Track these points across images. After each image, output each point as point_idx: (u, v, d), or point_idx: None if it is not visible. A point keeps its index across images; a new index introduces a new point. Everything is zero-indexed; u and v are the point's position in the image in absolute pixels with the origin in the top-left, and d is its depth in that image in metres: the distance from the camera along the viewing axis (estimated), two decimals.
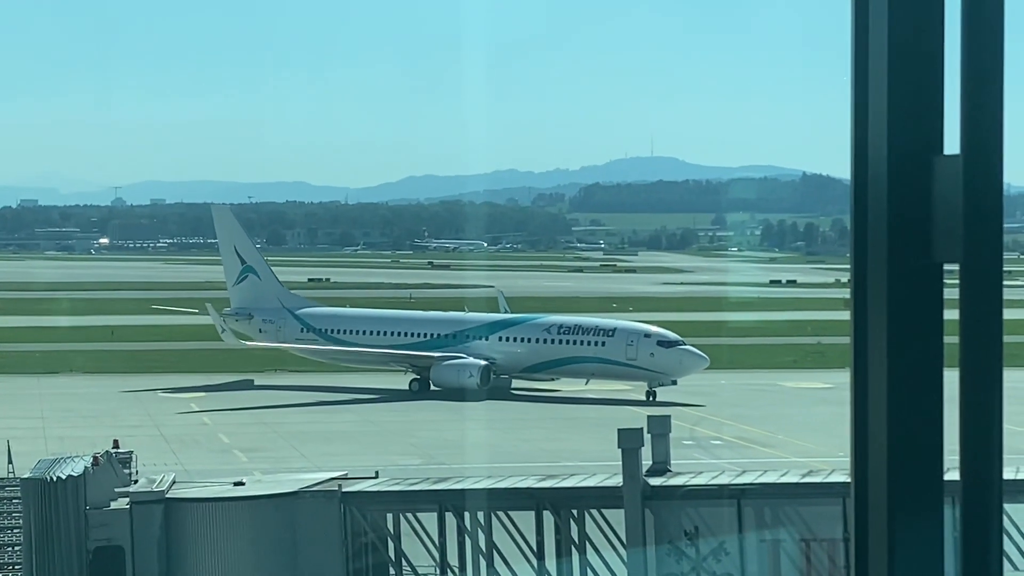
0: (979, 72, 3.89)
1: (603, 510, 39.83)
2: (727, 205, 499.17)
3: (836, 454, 62.41)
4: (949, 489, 4.06)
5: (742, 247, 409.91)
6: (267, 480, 44.91)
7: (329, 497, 39.62)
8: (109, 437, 52.84)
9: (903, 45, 4.01)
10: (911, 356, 4.07)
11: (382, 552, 40.29)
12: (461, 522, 39.82)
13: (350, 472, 44.45)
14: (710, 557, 39.04)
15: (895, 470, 4.11)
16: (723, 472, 44.50)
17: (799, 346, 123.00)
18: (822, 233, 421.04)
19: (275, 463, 65.46)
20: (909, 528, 4.11)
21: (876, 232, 4.08)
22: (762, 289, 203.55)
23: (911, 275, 4.04)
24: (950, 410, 4.05)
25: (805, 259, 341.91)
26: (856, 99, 4.14)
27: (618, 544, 39.49)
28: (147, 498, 39.08)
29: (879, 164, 4.06)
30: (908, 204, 4.03)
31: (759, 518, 39.43)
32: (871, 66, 4.08)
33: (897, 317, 4.05)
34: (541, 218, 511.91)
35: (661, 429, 42.42)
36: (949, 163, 3.96)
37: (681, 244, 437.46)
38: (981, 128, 3.89)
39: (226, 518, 39.34)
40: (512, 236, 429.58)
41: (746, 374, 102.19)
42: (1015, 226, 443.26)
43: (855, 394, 4.21)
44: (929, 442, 4.09)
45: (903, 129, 4.02)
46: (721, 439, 77.67)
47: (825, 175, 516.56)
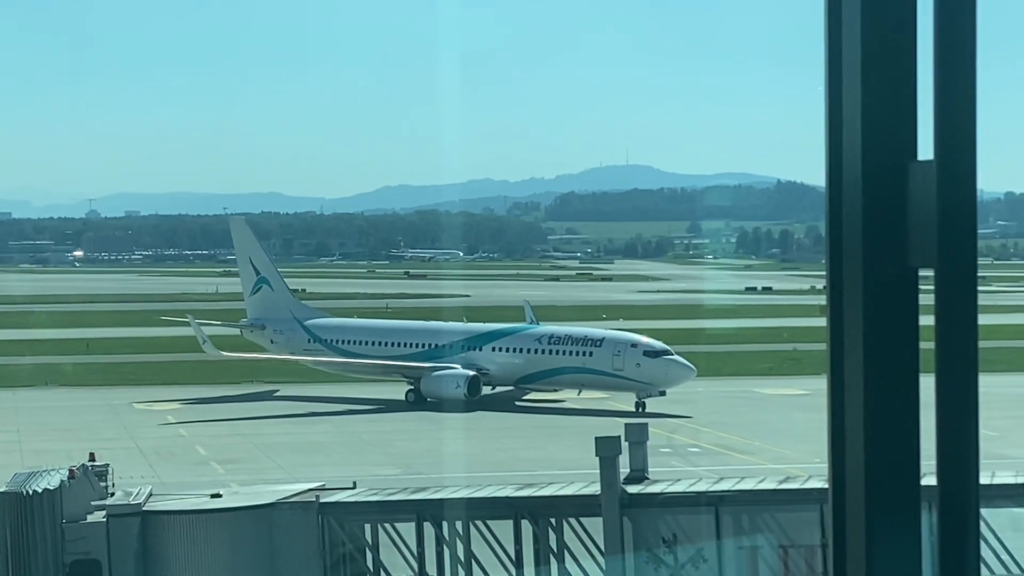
0: (952, 78, 3.90)
1: (581, 518, 39.85)
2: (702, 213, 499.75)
3: (813, 460, 62.45)
4: (926, 494, 4.06)
5: (717, 254, 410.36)
6: (244, 492, 44.81)
7: (307, 508, 39.55)
8: (85, 450, 52.64)
9: (876, 52, 4.02)
10: (887, 362, 4.08)
11: (360, 563, 40.22)
12: (439, 532, 39.79)
13: (327, 483, 44.40)
14: (688, 564, 39.07)
15: (872, 476, 4.11)
16: (701, 479, 44.53)
17: (775, 353, 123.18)
18: (797, 240, 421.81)
19: (252, 474, 65.32)
20: (887, 533, 4.11)
21: (851, 238, 4.08)
22: (738, 296, 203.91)
23: (887, 281, 4.04)
24: (927, 415, 4.05)
25: (780, 266, 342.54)
26: (830, 106, 4.15)
27: (596, 552, 39.50)
28: (124, 511, 38.95)
29: (854, 170, 4.06)
30: (883, 210, 4.03)
31: (737, 525, 39.48)
32: (844, 73, 4.09)
33: (873, 322, 4.06)
34: (517, 227, 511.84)
35: (638, 437, 42.47)
36: (923, 169, 3.97)
37: (657, 252, 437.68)
38: (955, 133, 3.90)
39: (203, 530, 39.22)
40: (488, 245, 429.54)
41: (723, 381, 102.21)
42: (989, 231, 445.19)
43: (832, 400, 4.21)
44: (906, 447, 4.10)
45: (877, 135, 4.03)
46: (698, 446, 77.70)
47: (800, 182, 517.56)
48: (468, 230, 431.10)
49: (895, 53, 4.02)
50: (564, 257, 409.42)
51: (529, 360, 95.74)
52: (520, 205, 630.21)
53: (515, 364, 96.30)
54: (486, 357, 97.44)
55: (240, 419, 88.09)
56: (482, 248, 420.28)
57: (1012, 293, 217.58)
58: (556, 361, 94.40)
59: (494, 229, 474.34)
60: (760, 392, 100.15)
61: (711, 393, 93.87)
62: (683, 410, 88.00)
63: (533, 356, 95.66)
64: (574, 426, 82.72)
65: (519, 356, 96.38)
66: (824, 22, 4.14)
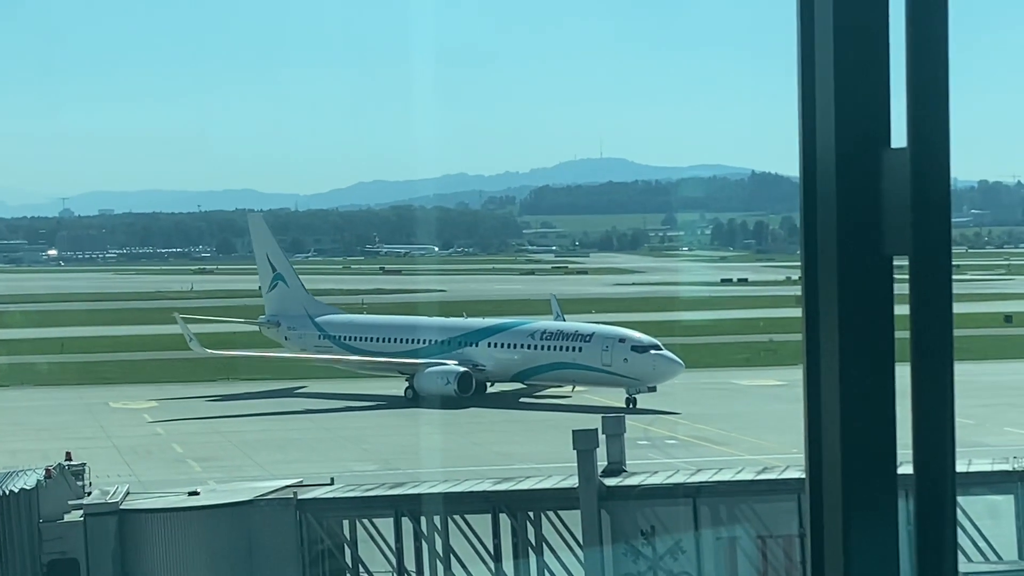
0: (925, 65, 3.90)
1: (559, 511, 39.91)
2: (677, 205, 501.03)
3: (790, 451, 62.65)
4: (903, 483, 4.06)
5: (693, 246, 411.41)
6: (222, 489, 44.75)
7: (285, 505, 39.51)
8: (62, 449, 52.51)
9: (849, 40, 4.02)
10: (863, 351, 4.07)
11: (339, 559, 40.19)
12: (417, 527, 39.79)
13: (304, 479, 44.38)
14: (667, 556, 39.14)
15: (849, 465, 4.11)
16: (678, 471, 44.61)
17: (752, 344, 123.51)
18: (772, 231, 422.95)
19: (229, 472, 65.25)
20: (864, 522, 4.11)
21: (825, 227, 4.08)
22: (714, 288, 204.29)
23: (861, 269, 4.04)
24: (902, 404, 4.05)
25: (755, 257, 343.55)
26: (803, 95, 4.14)
27: (575, 545, 39.56)
28: (101, 510, 38.85)
29: (827, 159, 4.06)
30: (857, 198, 4.03)
31: (715, 516, 39.56)
32: (817, 61, 4.08)
33: (848, 311, 4.06)
34: (491, 221, 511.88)
35: (615, 430, 42.51)
36: (896, 156, 3.97)
37: (632, 245, 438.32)
38: (928, 121, 3.90)
39: (181, 528, 39.17)
40: (463, 240, 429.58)
41: (699, 373, 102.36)
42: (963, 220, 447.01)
43: (808, 390, 4.21)
44: (882, 436, 4.10)
45: (850, 123, 4.02)
46: (676, 438, 77.83)
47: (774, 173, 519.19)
48: (443, 225, 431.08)
49: (867, 41, 4.01)
50: (539, 251, 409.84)
51: (522, 356, 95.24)
52: (495, 199, 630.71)
53: (509, 360, 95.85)
54: (482, 353, 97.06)
55: (218, 417, 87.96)
56: (457, 243, 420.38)
57: (987, 281, 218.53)
58: (548, 357, 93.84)
59: (469, 224, 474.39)
60: (737, 383, 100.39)
61: (688, 385, 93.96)
62: (661, 402, 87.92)
63: (526, 352, 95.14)
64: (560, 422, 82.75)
65: (513, 352, 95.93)
66: (796, 11, 4.13)
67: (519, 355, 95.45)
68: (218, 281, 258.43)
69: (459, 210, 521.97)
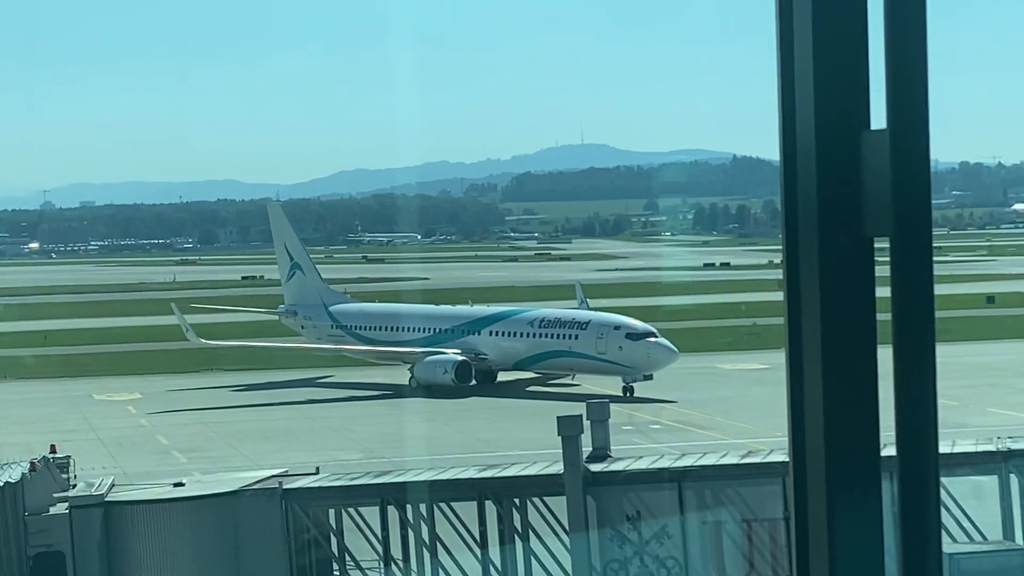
0: (904, 47, 3.90)
1: (545, 498, 39.92)
2: (659, 190, 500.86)
3: (775, 434, 62.75)
4: (886, 465, 4.07)
5: (675, 231, 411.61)
6: (207, 480, 44.73)
7: (270, 495, 39.48)
8: (46, 442, 52.38)
9: (828, 22, 4.01)
10: (845, 333, 4.08)
11: (325, 548, 40.20)
12: (403, 515, 39.79)
13: (289, 469, 44.38)
14: (652, 541, 39.20)
15: (832, 448, 4.11)
16: (663, 456, 44.68)
17: (735, 328, 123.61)
18: (754, 215, 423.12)
19: (214, 463, 65.22)
20: (848, 504, 4.11)
21: (806, 209, 4.08)
22: (696, 272, 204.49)
23: (842, 251, 4.04)
24: (885, 386, 4.06)
25: (738, 241, 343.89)
26: (782, 77, 4.14)
27: (561, 531, 39.59)
28: (86, 502, 38.78)
29: (807, 141, 4.06)
30: (837, 179, 4.03)
31: (700, 500, 39.63)
32: (797, 44, 4.08)
33: (830, 293, 4.06)
34: (474, 208, 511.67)
35: (600, 415, 42.55)
36: (876, 138, 3.97)
37: (615, 230, 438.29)
38: (907, 102, 3.90)
39: (167, 519, 39.12)
40: (445, 227, 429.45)
41: (683, 357, 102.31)
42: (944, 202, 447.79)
43: (791, 373, 4.21)
44: (865, 418, 4.10)
45: (830, 105, 4.02)
46: (660, 423, 77.96)
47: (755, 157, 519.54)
48: (425, 213, 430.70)
49: (846, 23, 4.01)
50: (522, 237, 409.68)
51: (522, 344, 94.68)
52: (477, 187, 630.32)
53: (510, 348, 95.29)
54: (484, 341, 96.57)
55: (203, 409, 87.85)
56: (440, 231, 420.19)
57: (969, 262, 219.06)
58: (546, 345, 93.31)
59: (451, 211, 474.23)
60: (721, 367, 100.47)
61: (672, 369, 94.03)
62: (646, 388, 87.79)
63: (526, 340, 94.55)
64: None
65: (513, 340, 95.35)
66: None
67: (518, 343, 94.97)
68: (201, 272, 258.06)
69: (441, 198, 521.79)
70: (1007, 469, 40.05)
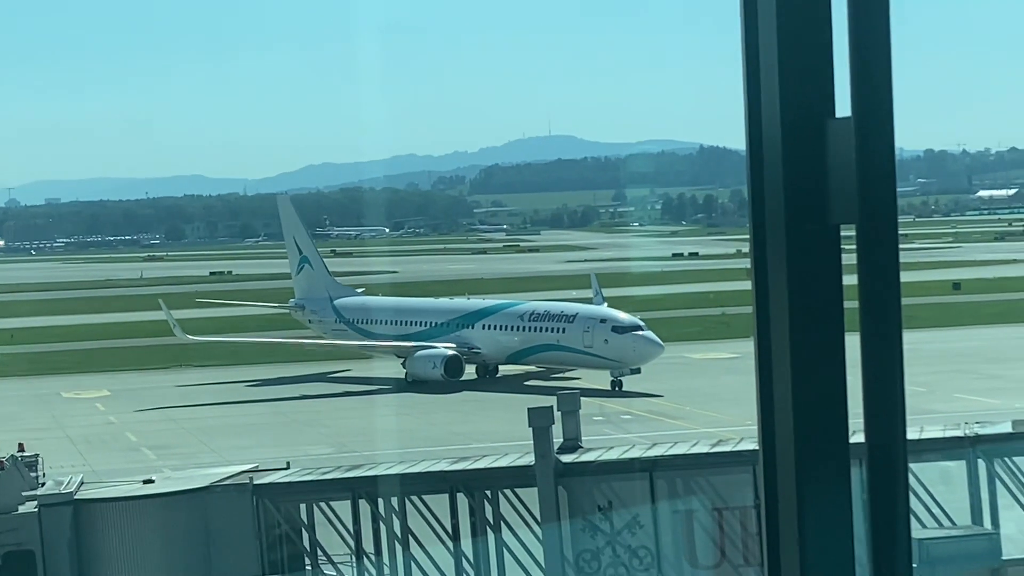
0: (867, 35, 3.91)
1: (516, 489, 39.93)
2: (626, 180, 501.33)
3: (744, 423, 62.94)
4: (855, 451, 4.08)
5: (643, 222, 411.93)
6: (177, 476, 44.60)
7: (241, 490, 39.38)
8: (14, 441, 52.24)
9: (792, 11, 4.02)
10: (812, 320, 4.09)
11: (297, 543, 40.13)
12: (375, 508, 39.76)
13: (259, 464, 44.31)
14: (624, 530, 39.27)
15: (802, 435, 4.12)
16: (634, 446, 44.75)
17: (704, 317, 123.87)
18: (721, 204, 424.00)
19: (184, 459, 65.05)
20: (818, 491, 4.13)
21: (773, 197, 4.09)
22: (665, 263, 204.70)
23: (809, 238, 4.05)
24: (853, 373, 4.07)
25: (706, 231, 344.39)
26: (748, 67, 4.15)
27: (532, 522, 39.60)
28: (56, 500, 38.62)
29: (773, 129, 4.06)
30: (803, 168, 4.04)
31: (671, 489, 39.71)
32: (761, 33, 4.09)
33: (797, 281, 4.07)
34: (442, 201, 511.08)
35: (571, 406, 42.57)
36: (841, 125, 3.98)
37: (583, 221, 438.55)
38: (871, 90, 3.91)
39: (137, 517, 38.99)
40: (414, 221, 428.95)
41: None
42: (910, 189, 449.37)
43: (759, 362, 4.22)
44: (833, 405, 4.11)
45: (795, 94, 4.03)
46: (630, 413, 78.06)
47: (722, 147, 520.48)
48: (393, 206, 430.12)
49: (810, 12, 4.02)
50: (490, 230, 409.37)
51: (512, 338, 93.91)
52: (445, 179, 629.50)
53: (501, 342, 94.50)
54: (477, 335, 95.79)
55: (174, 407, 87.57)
56: (408, 224, 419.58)
57: (934, 249, 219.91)
58: (536, 339, 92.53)
59: (419, 204, 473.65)
60: (690, 357, 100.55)
61: None
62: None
63: (516, 334, 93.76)
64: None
65: (504, 334, 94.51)
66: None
67: (509, 337, 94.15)
68: (168, 268, 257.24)
69: (409, 191, 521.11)
70: (975, 454, 40.25)
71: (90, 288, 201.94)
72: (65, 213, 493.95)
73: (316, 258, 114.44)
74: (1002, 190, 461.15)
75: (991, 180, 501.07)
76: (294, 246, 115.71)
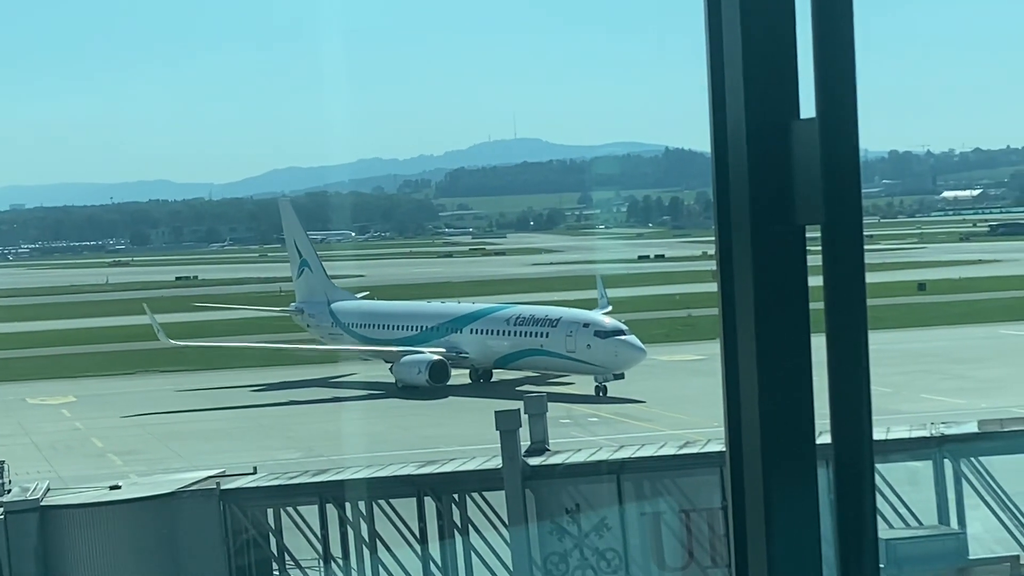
0: (831, 36, 3.91)
1: (484, 492, 39.93)
2: (592, 183, 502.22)
3: (711, 424, 63.02)
4: (822, 452, 4.09)
5: (609, 224, 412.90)
6: (144, 482, 44.44)
7: (208, 496, 39.26)
8: None
9: (756, 12, 4.03)
10: (778, 321, 4.09)
11: (264, 548, 40.03)
12: (343, 512, 39.71)
13: (227, 469, 44.17)
14: (592, 533, 39.29)
15: (768, 436, 4.13)
16: (601, 448, 44.77)
17: (670, 319, 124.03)
18: (687, 207, 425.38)
19: (151, 465, 64.81)
20: (785, 492, 4.13)
21: (738, 198, 4.09)
22: (631, 265, 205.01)
23: (774, 239, 4.06)
24: (819, 374, 4.08)
25: (672, 233, 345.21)
26: (712, 68, 4.15)
27: (500, 526, 39.60)
28: (21, 507, 38.38)
29: (738, 130, 4.07)
30: (768, 169, 4.04)
31: (639, 492, 39.74)
32: (725, 34, 4.09)
33: (763, 282, 4.07)
34: (408, 205, 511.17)
35: (538, 409, 42.57)
36: (806, 126, 3.99)
37: (549, 224, 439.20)
38: (835, 91, 3.92)
39: (104, 523, 38.80)
40: (380, 224, 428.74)
41: None
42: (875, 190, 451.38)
43: (726, 363, 4.23)
44: (800, 407, 4.12)
45: (760, 95, 4.04)
46: (597, 415, 78.11)
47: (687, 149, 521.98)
48: (359, 210, 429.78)
49: (774, 13, 4.02)
50: (456, 233, 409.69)
51: (498, 343, 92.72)
52: (410, 183, 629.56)
53: (488, 346, 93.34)
54: (465, 340, 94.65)
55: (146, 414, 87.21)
56: (374, 228, 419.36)
57: (900, 250, 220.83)
58: (521, 343, 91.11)
59: (385, 208, 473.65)
60: (656, 359, 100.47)
61: None
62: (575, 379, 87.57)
63: (503, 338, 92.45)
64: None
65: (491, 338, 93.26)
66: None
67: (496, 341, 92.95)
68: (134, 273, 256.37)
69: (375, 195, 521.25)
70: (941, 454, 40.40)
71: (55, 294, 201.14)
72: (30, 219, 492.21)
73: (315, 261, 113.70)
74: (966, 191, 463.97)
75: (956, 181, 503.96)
76: (294, 249, 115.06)
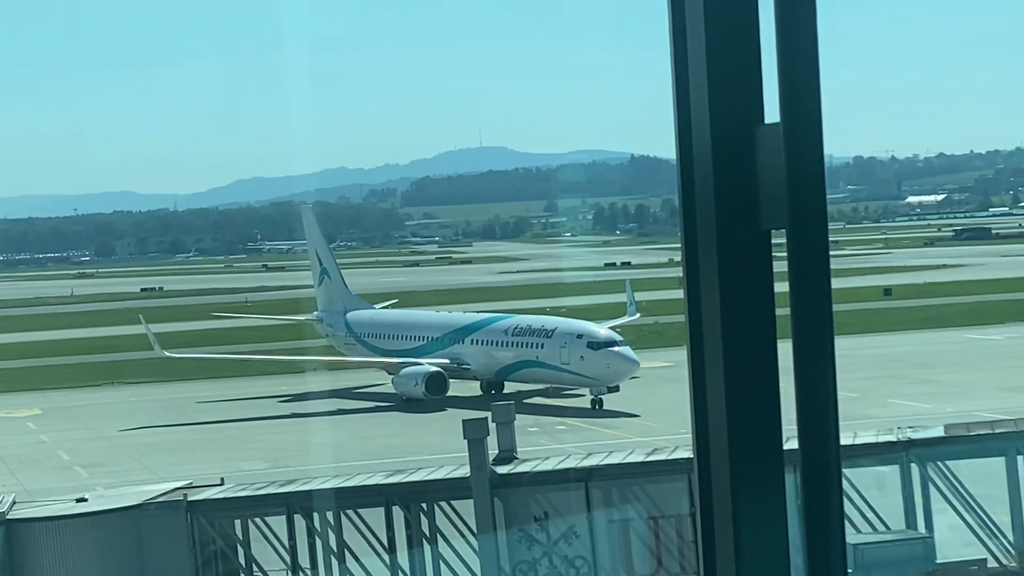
0: (795, 41, 3.92)
1: (452, 501, 39.93)
2: (558, 191, 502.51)
3: (679, 431, 63.12)
4: (789, 457, 4.09)
5: (575, 232, 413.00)
6: (110, 494, 44.25)
7: (175, 508, 39.13)
8: None
9: (719, 18, 4.03)
10: (744, 327, 4.09)
11: (232, 559, 39.91)
12: (310, 523, 39.63)
13: (194, 480, 44.04)
14: (561, 541, 39.30)
15: (736, 442, 4.13)
16: (569, 456, 44.79)
17: (637, 326, 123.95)
18: (653, 214, 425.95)
19: (117, 477, 64.53)
20: (752, 498, 4.13)
21: (703, 204, 4.09)
22: (597, 272, 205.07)
23: (740, 245, 4.06)
24: (786, 380, 4.08)
25: (638, 240, 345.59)
26: (677, 74, 4.15)
27: (469, 534, 39.59)
28: None
29: (703, 136, 4.07)
30: (733, 174, 4.04)
31: (607, 499, 39.79)
32: (689, 39, 4.09)
33: (728, 288, 4.07)
34: (374, 214, 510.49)
35: (505, 418, 42.58)
36: (770, 132, 3.99)
37: (515, 232, 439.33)
38: (799, 96, 3.92)
39: (70, 536, 38.64)
40: (345, 234, 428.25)
41: None
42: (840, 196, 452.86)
43: (692, 370, 4.22)
44: (767, 412, 4.12)
45: (724, 100, 4.04)
46: (565, 424, 78.14)
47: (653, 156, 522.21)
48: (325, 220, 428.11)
49: (738, 19, 4.02)
50: (423, 242, 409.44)
51: (498, 354, 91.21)
52: (376, 192, 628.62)
53: (488, 358, 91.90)
54: (467, 351, 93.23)
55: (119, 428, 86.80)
56: (340, 237, 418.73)
57: (865, 256, 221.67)
58: (517, 355, 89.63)
59: (351, 218, 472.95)
60: None
61: None
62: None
63: (501, 349, 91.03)
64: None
65: (490, 349, 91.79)
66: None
67: (495, 352, 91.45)
68: (99, 285, 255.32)
69: (340, 204, 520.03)
70: (908, 459, 40.56)
71: (20, 306, 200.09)
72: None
73: (335, 270, 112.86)
74: (931, 196, 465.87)
75: (920, 186, 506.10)
76: (315, 257, 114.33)
